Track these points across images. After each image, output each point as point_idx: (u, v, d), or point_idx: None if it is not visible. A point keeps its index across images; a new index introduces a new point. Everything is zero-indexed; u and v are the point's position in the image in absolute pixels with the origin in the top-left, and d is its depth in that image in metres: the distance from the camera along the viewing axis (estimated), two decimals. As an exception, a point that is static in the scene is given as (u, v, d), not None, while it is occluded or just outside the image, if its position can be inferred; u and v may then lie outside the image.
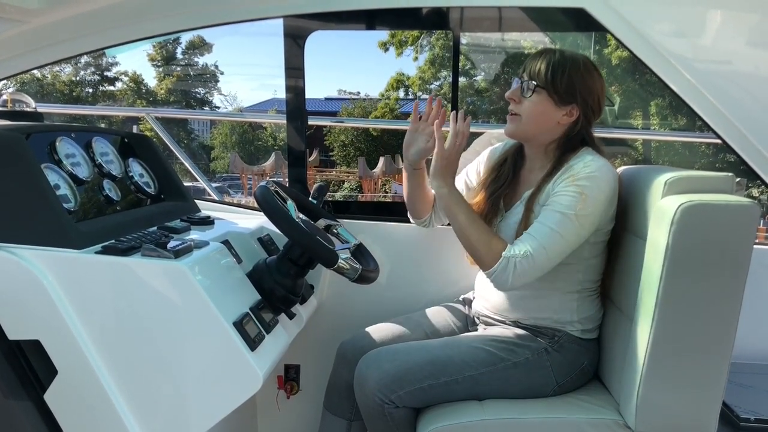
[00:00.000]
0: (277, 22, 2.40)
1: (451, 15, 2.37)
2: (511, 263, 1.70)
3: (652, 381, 1.59)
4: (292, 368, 2.45)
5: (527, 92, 1.82)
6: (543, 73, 1.80)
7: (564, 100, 1.82)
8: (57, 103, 23.30)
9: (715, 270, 1.53)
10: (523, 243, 1.72)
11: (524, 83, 1.83)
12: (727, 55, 2.14)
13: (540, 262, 1.71)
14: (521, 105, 1.83)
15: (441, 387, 1.78)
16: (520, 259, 1.70)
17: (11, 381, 1.52)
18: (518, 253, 1.70)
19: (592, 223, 1.75)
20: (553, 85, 1.80)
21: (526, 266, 1.70)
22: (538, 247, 1.70)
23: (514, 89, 1.85)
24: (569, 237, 1.72)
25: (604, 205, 1.75)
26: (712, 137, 2.29)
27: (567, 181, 1.75)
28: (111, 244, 1.55)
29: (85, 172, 1.82)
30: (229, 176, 22.33)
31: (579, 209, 1.71)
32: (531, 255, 1.69)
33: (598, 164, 1.76)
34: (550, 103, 1.82)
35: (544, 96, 1.81)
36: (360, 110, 27.44)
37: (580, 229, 1.73)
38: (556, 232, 1.71)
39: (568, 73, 1.80)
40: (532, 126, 1.84)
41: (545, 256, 1.71)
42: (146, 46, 28.21)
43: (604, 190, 1.74)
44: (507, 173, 1.97)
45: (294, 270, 1.78)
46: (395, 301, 2.33)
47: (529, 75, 1.82)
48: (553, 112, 1.83)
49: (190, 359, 1.50)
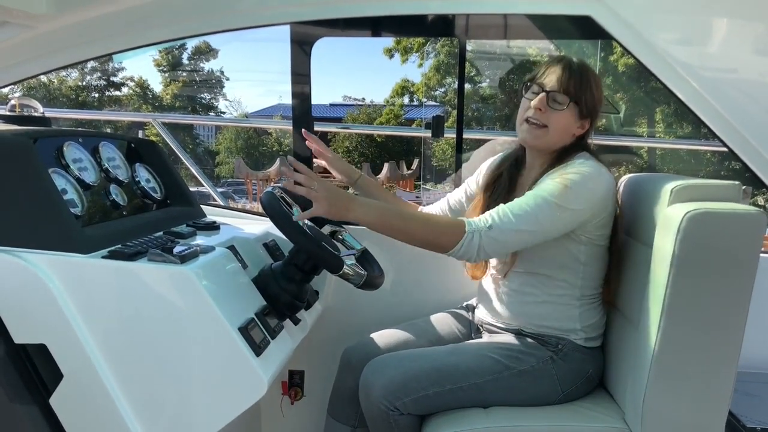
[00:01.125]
0: (283, 28, 2.41)
1: (458, 22, 2.38)
2: (476, 237, 1.66)
3: (657, 389, 1.59)
4: (297, 374, 2.44)
5: (558, 105, 1.80)
6: (574, 86, 1.79)
7: (585, 115, 1.82)
8: (63, 108, 23.40)
9: (722, 278, 1.53)
10: (488, 214, 1.69)
11: (552, 94, 1.80)
12: (733, 63, 2.14)
13: (506, 235, 1.67)
14: (548, 116, 1.80)
15: (446, 394, 1.77)
16: (483, 230, 1.66)
17: (17, 385, 1.52)
18: (481, 225, 1.67)
19: (573, 219, 1.72)
20: (584, 100, 1.80)
21: (492, 239, 1.66)
22: (504, 217, 1.67)
23: (542, 99, 1.80)
24: (543, 222, 1.68)
25: (589, 203, 1.73)
26: (717, 145, 2.28)
27: (556, 173, 1.75)
28: (117, 248, 1.56)
29: (91, 177, 1.83)
30: (234, 181, 22.34)
31: (561, 200, 1.68)
32: (496, 225, 1.66)
33: (592, 166, 1.76)
34: (575, 116, 1.82)
35: (573, 109, 1.81)
36: (365, 116, 27.48)
37: (557, 221, 1.70)
38: (531, 213, 1.67)
39: (591, 88, 1.80)
40: (556, 138, 1.84)
41: (512, 229, 1.67)
42: (152, 51, 28.36)
43: (591, 189, 1.73)
44: (505, 181, 1.97)
45: (299, 276, 1.78)
46: (400, 307, 2.33)
47: (559, 86, 1.79)
48: (574, 125, 1.83)
49: (195, 364, 1.50)
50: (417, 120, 24.34)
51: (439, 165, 23.05)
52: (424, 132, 8.95)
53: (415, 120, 24.65)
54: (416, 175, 19.29)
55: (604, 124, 11.93)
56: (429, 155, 22.66)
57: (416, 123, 23.26)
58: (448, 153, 21.85)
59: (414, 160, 21.06)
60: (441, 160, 23.08)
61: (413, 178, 19.23)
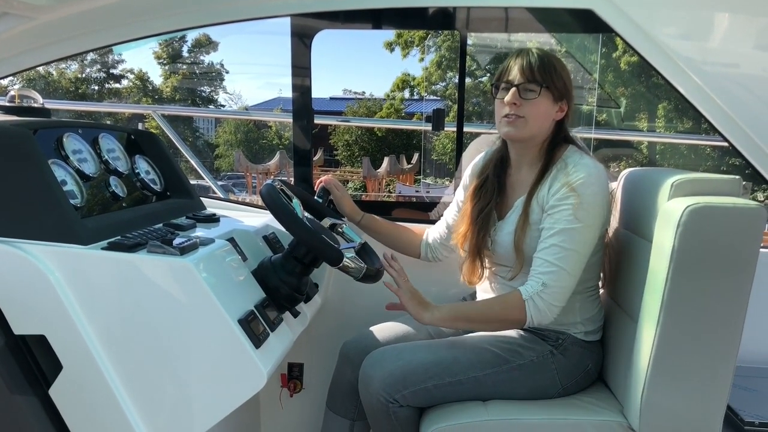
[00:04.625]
0: (283, 21, 2.40)
1: (458, 15, 2.37)
2: (537, 300, 1.72)
3: (656, 383, 1.59)
4: (296, 366, 2.45)
5: (529, 94, 1.80)
6: (539, 72, 1.79)
7: (559, 96, 1.82)
8: (62, 99, 23.36)
9: (721, 273, 1.53)
10: (533, 273, 1.75)
11: (522, 86, 1.80)
12: (735, 58, 2.13)
13: (562, 281, 1.73)
14: (523, 108, 1.81)
15: (445, 387, 1.77)
16: (540, 291, 1.72)
17: (16, 376, 1.52)
18: (536, 288, 1.73)
19: (601, 224, 1.77)
20: (553, 82, 1.80)
21: (552, 293, 1.72)
22: (550, 268, 1.72)
23: (514, 93, 1.80)
24: (581, 249, 1.74)
25: (603, 203, 1.77)
26: (718, 140, 2.28)
27: (562, 192, 1.75)
28: (117, 240, 1.56)
29: (91, 168, 1.82)
30: (234, 174, 22.37)
31: (583, 220, 1.72)
32: (547, 280, 1.72)
33: (588, 167, 1.76)
34: (550, 100, 1.82)
35: (546, 95, 1.81)
36: (365, 110, 27.46)
37: (591, 238, 1.76)
38: (567, 249, 1.72)
39: (557, 70, 1.81)
40: (536, 126, 1.83)
41: (566, 275, 1.73)
42: (152, 43, 28.31)
43: (598, 192, 1.75)
44: (492, 184, 1.96)
45: (299, 268, 1.78)
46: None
47: (525, 77, 1.80)
48: (551, 109, 1.83)
49: (194, 356, 1.50)
50: (417, 114, 24.33)
51: (439, 159, 23.05)
52: (424, 125, 8.95)
53: (416, 114, 24.64)
54: (416, 169, 19.32)
55: (604, 118, 11.92)
56: (429, 149, 22.67)
57: (416, 117, 23.24)
58: (448, 147, 21.87)
59: (414, 154, 21.09)
60: (441, 155, 23.09)
61: (413, 172, 19.25)
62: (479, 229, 1.92)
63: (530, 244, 1.81)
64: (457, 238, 1.99)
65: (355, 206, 2.24)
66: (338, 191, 2.23)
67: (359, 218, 2.22)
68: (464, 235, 1.96)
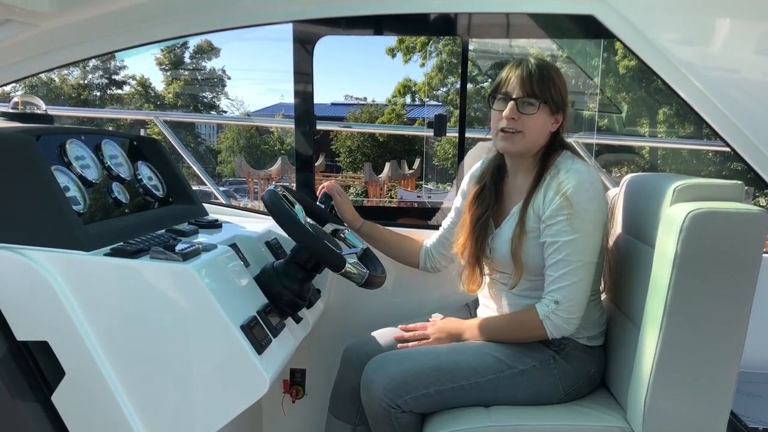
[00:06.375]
0: (285, 27, 2.41)
1: (460, 21, 2.37)
2: (553, 318, 1.75)
3: (659, 389, 1.58)
4: (298, 372, 2.44)
5: (528, 108, 1.79)
6: (538, 86, 1.78)
7: (557, 109, 1.82)
8: (64, 106, 23.42)
9: (724, 278, 1.52)
10: (546, 292, 1.78)
11: (521, 100, 1.80)
12: (736, 63, 2.13)
13: (575, 293, 1.75)
14: (521, 122, 1.80)
15: (447, 393, 1.77)
16: (554, 309, 1.75)
17: (19, 382, 1.52)
18: (550, 306, 1.76)
19: (597, 230, 1.77)
20: (551, 96, 1.80)
21: (566, 308, 1.75)
22: (560, 284, 1.74)
23: (512, 108, 1.80)
24: (587, 258, 1.75)
25: (597, 209, 1.77)
26: (719, 145, 2.28)
27: (556, 201, 1.75)
28: (119, 246, 1.56)
29: (94, 175, 1.83)
30: (236, 180, 22.38)
31: (581, 230, 1.73)
32: (560, 296, 1.75)
33: (579, 172, 1.76)
34: (547, 114, 1.82)
35: (544, 109, 1.81)
36: (367, 116, 27.49)
37: (595, 244, 1.77)
38: (574, 261, 1.73)
39: (555, 81, 1.81)
40: (534, 139, 1.83)
41: (576, 287, 1.74)
42: (154, 50, 28.40)
43: (592, 198, 1.75)
44: (490, 193, 1.96)
45: (301, 274, 1.78)
46: (401, 306, 2.32)
47: (524, 90, 1.79)
48: (548, 122, 1.83)
49: (196, 362, 1.50)
50: (419, 120, 24.37)
51: (441, 164, 23.05)
52: (426, 131, 8.95)
53: (417, 120, 24.68)
54: (417, 174, 19.31)
55: (606, 123, 11.93)
56: (430, 155, 22.67)
57: (418, 123, 23.28)
58: (450, 153, 21.86)
59: (415, 159, 21.08)
60: (442, 160, 23.09)
61: (414, 178, 19.26)
62: (477, 237, 1.93)
63: (527, 252, 1.81)
64: (458, 247, 1.99)
65: (355, 213, 2.24)
66: (340, 197, 2.23)
67: (359, 225, 2.22)
68: (463, 244, 1.96)
